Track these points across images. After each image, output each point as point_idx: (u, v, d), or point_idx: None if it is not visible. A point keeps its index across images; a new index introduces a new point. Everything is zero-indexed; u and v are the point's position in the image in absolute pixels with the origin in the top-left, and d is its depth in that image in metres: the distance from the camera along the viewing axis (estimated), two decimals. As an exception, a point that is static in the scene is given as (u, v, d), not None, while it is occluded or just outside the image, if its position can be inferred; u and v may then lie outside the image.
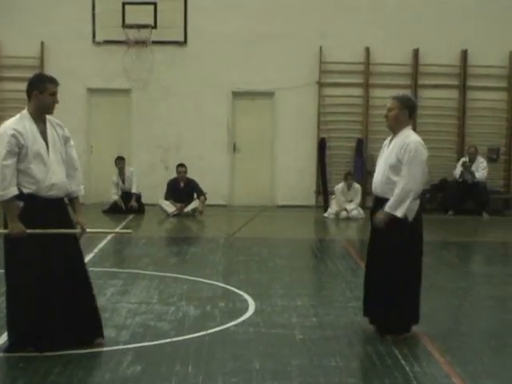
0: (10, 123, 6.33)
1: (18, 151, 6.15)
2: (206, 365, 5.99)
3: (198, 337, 6.79)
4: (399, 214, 6.65)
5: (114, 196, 16.62)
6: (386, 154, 6.90)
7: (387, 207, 6.68)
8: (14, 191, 6.09)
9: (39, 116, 6.37)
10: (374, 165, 18.34)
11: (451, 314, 8.18)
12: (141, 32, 17.65)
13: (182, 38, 18.09)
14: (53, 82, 6.44)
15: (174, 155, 17.95)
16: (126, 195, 16.71)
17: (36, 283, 6.19)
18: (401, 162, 6.71)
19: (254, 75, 18.05)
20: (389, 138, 7.04)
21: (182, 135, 18.16)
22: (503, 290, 9.33)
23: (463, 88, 18.26)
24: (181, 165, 16.73)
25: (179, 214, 16.10)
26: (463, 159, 17.68)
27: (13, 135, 6.17)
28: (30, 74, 18.90)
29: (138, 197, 16.80)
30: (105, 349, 6.36)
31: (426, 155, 6.83)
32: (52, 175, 6.25)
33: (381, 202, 6.86)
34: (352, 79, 18.20)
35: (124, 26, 17.59)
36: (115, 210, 16.33)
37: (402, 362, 6.14)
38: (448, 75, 18.24)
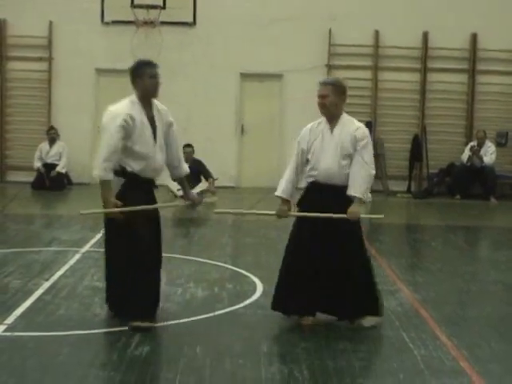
0: (124, 107, 6.50)
1: (128, 135, 6.35)
2: (214, 346, 6.01)
3: (206, 318, 6.81)
4: (368, 199, 6.72)
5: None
6: (334, 142, 6.75)
7: (361, 195, 6.59)
8: (109, 176, 6.32)
9: (146, 101, 6.62)
10: (382, 148, 18.36)
11: (458, 298, 8.18)
12: (149, 12, 17.60)
13: (190, 19, 18.03)
14: (150, 65, 6.70)
15: (182, 136, 17.70)
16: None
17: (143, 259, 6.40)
18: (354, 148, 6.66)
19: (263, 57, 17.99)
20: (325, 125, 6.91)
21: (190, 117, 18.12)
22: (511, 274, 9.33)
23: (472, 72, 18.17)
24: (187, 145, 16.65)
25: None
26: (471, 143, 17.64)
27: (125, 120, 6.36)
28: (38, 54, 18.83)
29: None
30: (113, 329, 6.38)
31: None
32: (155, 160, 6.54)
33: (334, 189, 6.69)
34: (361, 62, 18.14)
35: (133, 6, 17.53)
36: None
37: (410, 345, 6.15)
38: (457, 59, 18.15)
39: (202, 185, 16.32)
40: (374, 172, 6.69)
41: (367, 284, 6.67)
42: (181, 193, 15.72)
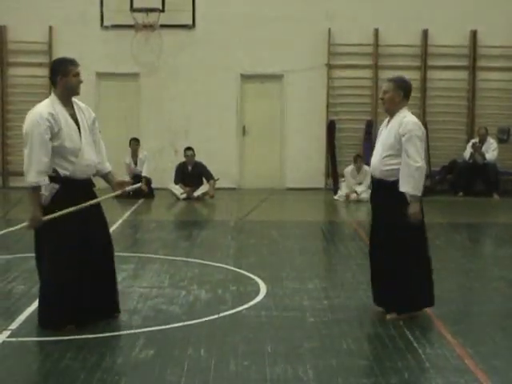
0: (42, 107, 6.41)
1: (53, 135, 6.28)
2: (218, 348, 6.00)
3: (210, 320, 6.80)
4: (421, 193, 6.67)
5: (126, 178, 16.48)
6: (384, 136, 6.88)
7: (411, 191, 6.63)
8: (42, 181, 6.23)
9: (67, 99, 6.52)
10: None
11: (462, 295, 8.17)
12: (149, 16, 17.63)
13: (190, 22, 18.04)
14: (74, 63, 6.59)
15: (183, 139, 17.94)
16: (136, 178, 16.69)
17: (75, 258, 6.36)
18: (399, 143, 6.68)
19: (263, 58, 18.00)
20: (386, 120, 7.04)
21: (190, 119, 18.14)
22: (514, 271, 9.33)
23: (473, 69, 18.16)
24: (188, 148, 16.72)
25: (189, 198, 16.13)
26: (473, 140, 17.62)
27: (48, 120, 6.28)
28: (38, 60, 18.84)
29: (149, 181, 16.81)
30: (117, 333, 6.39)
31: (423, 133, 6.79)
32: (86, 156, 6.45)
33: (380, 184, 6.86)
34: (361, 61, 18.14)
35: (132, 9, 17.56)
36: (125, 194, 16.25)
37: (414, 344, 6.15)
38: (457, 56, 18.14)
39: (204, 187, 16.37)
40: (418, 165, 6.60)
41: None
42: (184, 196, 15.99)
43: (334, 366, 5.61)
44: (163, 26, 17.70)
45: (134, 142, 17.04)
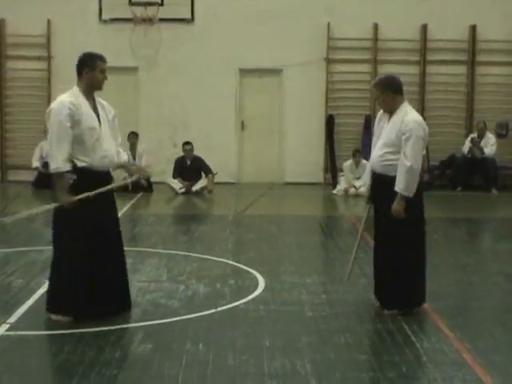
0: (64, 97, 6.51)
1: (74, 124, 6.37)
2: (217, 342, 6.01)
3: (208, 315, 6.81)
4: (411, 194, 6.63)
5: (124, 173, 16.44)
6: (386, 132, 6.84)
7: (400, 190, 6.62)
8: (67, 167, 6.33)
9: (89, 93, 6.64)
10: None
11: (461, 290, 8.18)
12: (147, 9, 17.59)
13: (189, 16, 18.01)
14: (103, 59, 6.70)
15: (182, 133, 17.93)
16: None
17: (89, 246, 6.44)
18: (400, 140, 6.67)
19: (262, 52, 17.97)
20: (380, 112, 7.01)
21: (189, 113, 18.12)
22: (513, 266, 9.34)
23: (472, 63, 18.15)
24: (187, 143, 16.71)
25: (188, 192, 16.13)
26: (472, 135, 17.62)
27: (70, 108, 6.37)
28: (37, 53, 18.81)
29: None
30: (116, 327, 6.39)
31: (425, 132, 6.75)
32: (104, 147, 6.53)
33: (379, 178, 6.87)
34: (360, 55, 18.12)
35: (131, 3, 17.51)
36: (123, 188, 16.24)
37: (412, 338, 6.16)
38: (456, 50, 18.13)
39: (203, 181, 16.36)
40: (409, 164, 6.57)
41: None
42: (183, 190, 15.98)
43: (331, 360, 5.62)
44: (162, 20, 17.67)
45: (133, 136, 17.02)
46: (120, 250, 6.80)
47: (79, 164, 6.42)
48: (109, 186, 6.62)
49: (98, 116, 6.58)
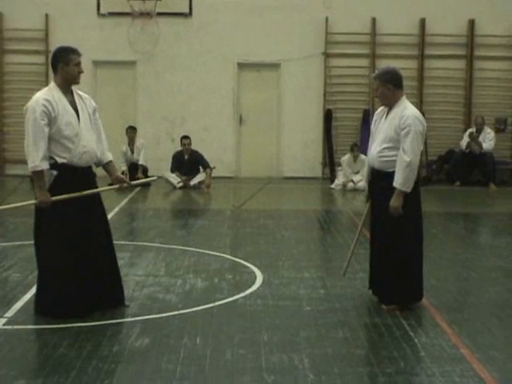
0: (40, 94, 6.47)
1: (50, 121, 6.31)
2: (214, 337, 6.00)
3: (206, 309, 6.80)
4: (409, 189, 6.62)
5: (122, 166, 16.45)
6: (384, 128, 6.82)
7: (398, 186, 6.61)
8: (45, 164, 6.27)
9: (67, 87, 6.55)
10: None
11: (459, 285, 8.17)
12: (146, 3, 17.58)
13: (187, 10, 17.99)
14: (76, 52, 6.62)
15: (180, 127, 17.93)
16: (133, 166, 16.71)
17: (75, 245, 6.39)
18: (398, 136, 6.65)
19: (260, 46, 17.97)
20: (380, 109, 6.99)
21: (187, 107, 18.11)
22: (511, 261, 9.32)
23: (470, 58, 18.14)
24: (185, 137, 16.69)
25: (185, 187, 16.12)
26: (470, 130, 17.62)
27: (44, 105, 6.32)
28: (35, 47, 18.77)
29: (145, 169, 16.81)
30: (113, 321, 6.38)
31: (424, 127, 6.73)
32: (83, 142, 6.45)
33: (378, 174, 6.85)
34: (358, 50, 18.11)
35: (129, -3, 17.52)
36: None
37: (410, 333, 6.15)
38: (455, 45, 18.13)
39: (201, 176, 16.35)
40: (408, 160, 6.55)
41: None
42: (180, 185, 15.97)
43: (329, 355, 5.62)
44: (160, 14, 17.66)
45: (131, 130, 17.01)
46: (108, 245, 6.71)
47: (59, 160, 6.36)
48: (91, 191, 6.51)
49: (76, 111, 6.49)
